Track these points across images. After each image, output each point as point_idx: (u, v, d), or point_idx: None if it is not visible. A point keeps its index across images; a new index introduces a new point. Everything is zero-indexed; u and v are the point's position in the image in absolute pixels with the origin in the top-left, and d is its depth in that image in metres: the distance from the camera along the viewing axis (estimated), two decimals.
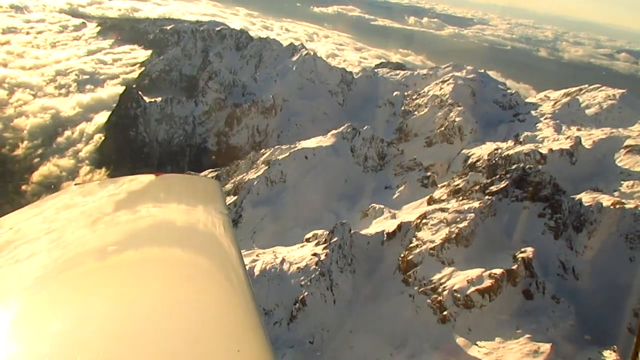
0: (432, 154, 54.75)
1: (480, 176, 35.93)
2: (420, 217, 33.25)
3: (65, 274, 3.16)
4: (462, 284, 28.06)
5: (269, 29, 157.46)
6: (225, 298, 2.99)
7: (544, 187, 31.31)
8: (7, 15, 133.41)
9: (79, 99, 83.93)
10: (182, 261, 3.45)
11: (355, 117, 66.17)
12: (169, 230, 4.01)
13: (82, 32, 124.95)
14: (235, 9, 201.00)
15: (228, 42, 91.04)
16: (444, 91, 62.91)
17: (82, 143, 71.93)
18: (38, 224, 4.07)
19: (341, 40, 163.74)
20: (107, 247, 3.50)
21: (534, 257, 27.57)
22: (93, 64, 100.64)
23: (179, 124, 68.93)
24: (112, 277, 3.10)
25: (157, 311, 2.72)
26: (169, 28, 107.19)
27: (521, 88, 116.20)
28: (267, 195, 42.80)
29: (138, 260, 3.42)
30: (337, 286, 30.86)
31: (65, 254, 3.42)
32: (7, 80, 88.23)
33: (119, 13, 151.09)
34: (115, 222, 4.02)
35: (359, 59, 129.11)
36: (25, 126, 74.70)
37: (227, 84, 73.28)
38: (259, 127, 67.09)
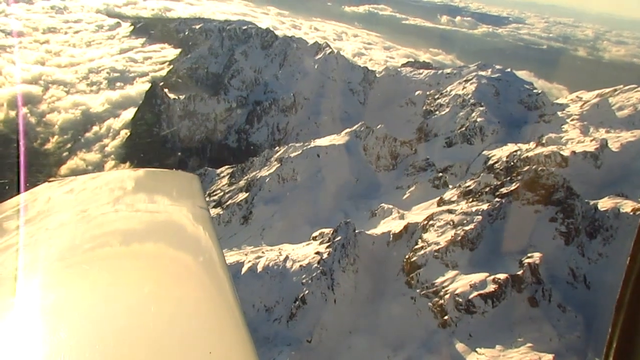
0: (452, 154, 53.40)
1: (491, 178, 34.78)
2: (428, 218, 32.52)
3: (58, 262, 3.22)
4: (465, 288, 27.25)
5: (297, 28, 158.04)
6: (205, 292, 2.97)
7: (556, 191, 30.03)
8: (48, 16, 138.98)
9: (109, 96, 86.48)
10: (162, 255, 3.43)
11: (376, 116, 65.47)
12: (149, 224, 3.97)
13: (116, 32, 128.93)
14: (266, 8, 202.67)
15: (254, 40, 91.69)
16: (466, 91, 61.42)
17: (108, 138, 74.05)
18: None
19: (370, 39, 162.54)
20: (86, 242, 3.47)
21: (540, 262, 26.45)
22: (124, 62, 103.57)
23: (201, 120, 69.90)
24: (92, 269, 3.08)
25: (137, 305, 2.70)
26: (197, 27, 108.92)
27: (554, 89, 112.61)
28: (278, 193, 42.81)
29: (117, 253, 3.39)
30: (339, 285, 30.49)
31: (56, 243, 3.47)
32: (43, 78, 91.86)
33: (152, 13, 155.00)
34: (95, 216, 3.98)
35: (385, 58, 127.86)
36: (56, 121, 77.56)
37: (249, 82, 73.91)
38: (279, 125, 67.30)
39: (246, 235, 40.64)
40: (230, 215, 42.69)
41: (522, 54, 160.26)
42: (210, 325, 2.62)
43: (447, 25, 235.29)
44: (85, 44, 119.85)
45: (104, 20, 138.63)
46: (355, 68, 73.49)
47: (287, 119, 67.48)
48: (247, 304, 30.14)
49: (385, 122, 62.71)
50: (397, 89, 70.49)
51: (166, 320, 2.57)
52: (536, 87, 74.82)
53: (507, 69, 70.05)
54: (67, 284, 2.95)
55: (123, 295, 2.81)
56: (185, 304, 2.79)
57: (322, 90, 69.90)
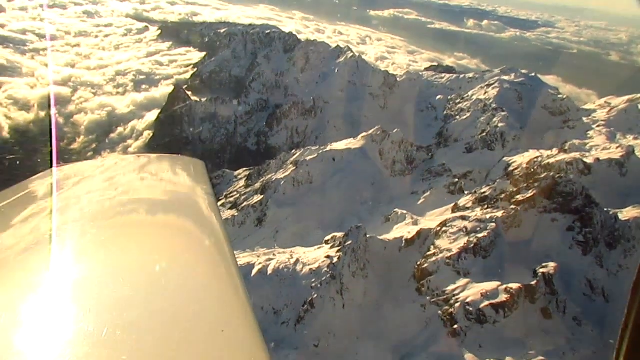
0: (471, 160, 52.50)
1: (508, 184, 33.92)
2: (441, 224, 31.95)
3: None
4: (476, 297, 26.60)
5: (321, 32, 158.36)
6: (212, 273, 3.01)
7: (575, 199, 29.07)
8: (80, 20, 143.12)
9: (134, 98, 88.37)
10: (167, 236, 3.45)
11: (396, 120, 64.95)
12: (154, 207, 4.01)
13: (144, 35, 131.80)
14: (291, 12, 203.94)
15: (276, 44, 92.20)
16: (488, 95, 60.40)
17: (132, 139, 75.58)
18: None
19: (394, 43, 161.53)
20: (96, 225, 3.46)
21: (555, 272, 25.61)
22: (150, 65, 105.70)
23: (222, 123, 70.65)
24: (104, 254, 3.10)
25: (148, 284, 2.75)
26: (222, 31, 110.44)
27: (582, 94, 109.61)
28: (293, 196, 42.81)
29: (122, 235, 3.41)
30: (348, 290, 30.21)
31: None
32: (72, 80, 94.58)
33: (180, 17, 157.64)
34: (102, 200, 4.02)
35: (408, 62, 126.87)
36: (83, 122, 79.65)
37: (269, 85, 74.37)
38: (298, 129, 67.45)
39: (259, 237, 40.75)
40: (244, 217, 42.90)
41: (550, 59, 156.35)
42: (219, 304, 2.67)
43: (474, 29, 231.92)
44: (114, 47, 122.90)
45: (132, 25, 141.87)
46: (375, 72, 73.08)
47: (307, 122, 67.57)
48: (256, 306, 30.11)
49: (405, 127, 62.20)
50: (418, 94, 69.79)
51: (177, 298, 2.60)
52: (562, 92, 73.10)
53: (532, 73, 68.66)
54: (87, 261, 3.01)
55: (135, 272, 2.85)
56: (193, 284, 2.82)
57: (342, 94, 69.75)
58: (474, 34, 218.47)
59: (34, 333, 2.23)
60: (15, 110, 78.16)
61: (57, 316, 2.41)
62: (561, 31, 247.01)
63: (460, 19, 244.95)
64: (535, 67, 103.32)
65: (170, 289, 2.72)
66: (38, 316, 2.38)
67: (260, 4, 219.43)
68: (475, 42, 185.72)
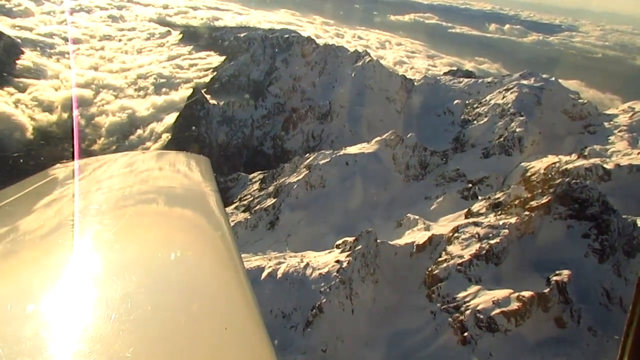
0: (488, 165, 51.63)
1: (522, 190, 33.23)
2: (453, 230, 31.46)
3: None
4: (487, 305, 26.05)
5: (340, 37, 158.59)
6: (216, 269, 3.01)
7: (591, 205, 28.29)
8: (105, 24, 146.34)
9: (154, 101, 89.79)
10: (170, 232, 3.47)
11: (413, 125, 64.50)
12: (159, 203, 4.05)
13: (166, 40, 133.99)
14: (312, 17, 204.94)
15: (295, 49, 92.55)
16: (506, 100, 59.43)
17: (150, 141, 76.70)
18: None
19: (414, 47, 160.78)
20: (100, 221, 3.50)
21: (569, 281, 24.93)
22: (171, 69, 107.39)
23: (239, 126, 71.18)
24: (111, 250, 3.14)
25: (151, 282, 2.76)
26: (242, 36, 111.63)
27: (606, 99, 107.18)
28: (306, 200, 42.76)
29: (128, 230, 3.42)
30: (357, 295, 29.94)
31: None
32: (95, 82, 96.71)
33: (201, 22, 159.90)
34: (107, 195, 4.05)
35: (427, 67, 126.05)
36: (104, 124, 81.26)
37: (286, 89, 74.63)
38: (314, 133, 67.47)
39: (271, 240, 40.76)
40: (257, 220, 43.00)
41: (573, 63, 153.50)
42: (223, 300, 2.66)
43: (495, 33, 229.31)
44: (136, 51, 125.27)
45: (155, 29, 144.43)
46: (392, 76, 72.76)
47: (323, 126, 67.54)
48: (265, 310, 30.08)
49: (422, 131, 61.68)
50: (436, 98, 69.14)
51: (181, 294, 2.58)
52: (584, 96, 71.61)
53: (553, 77, 67.34)
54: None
55: (139, 267, 2.84)
56: (197, 279, 2.81)
57: (358, 98, 69.53)
58: (495, 38, 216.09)
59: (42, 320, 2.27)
60: (39, 111, 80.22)
61: (62, 308, 2.42)
62: (585, 35, 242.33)
63: (481, 23, 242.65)
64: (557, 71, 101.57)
65: (174, 284, 2.71)
66: (41, 301, 2.43)
67: (281, 9, 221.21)
68: (496, 46, 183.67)
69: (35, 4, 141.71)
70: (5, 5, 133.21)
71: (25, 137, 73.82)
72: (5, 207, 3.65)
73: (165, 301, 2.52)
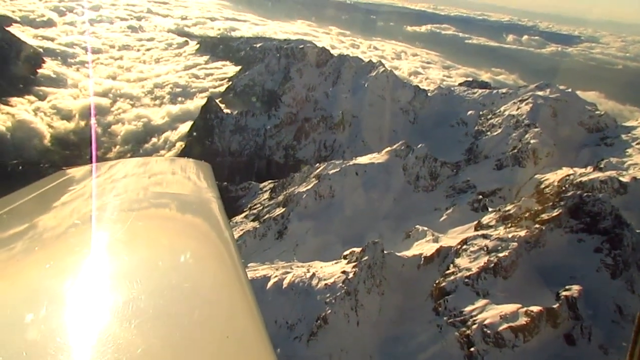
0: (501, 177, 50.87)
1: (533, 202, 32.55)
2: (462, 242, 30.92)
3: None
4: (494, 319, 25.43)
5: (356, 47, 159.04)
6: (217, 278, 2.99)
7: (603, 219, 27.54)
8: (125, 34, 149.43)
9: (169, 110, 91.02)
10: (171, 238, 3.48)
11: (426, 135, 64.05)
12: (160, 209, 4.07)
13: (184, 50, 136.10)
14: (328, 28, 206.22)
15: (309, 59, 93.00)
16: (521, 111, 58.68)
17: (165, 150, 77.59)
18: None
19: (429, 58, 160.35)
20: (101, 226, 3.51)
21: (579, 296, 24.22)
22: (187, 78, 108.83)
23: (251, 135, 71.55)
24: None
25: (151, 292, 2.73)
26: (258, 46, 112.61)
27: (626, 110, 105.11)
28: (314, 210, 42.58)
29: (131, 234, 3.43)
30: (363, 307, 29.55)
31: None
32: (112, 91, 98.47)
33: (219, 32, 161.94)
34: (109, 200, 4.08)
35: (442, 77, 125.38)
36: (120, 132, 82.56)
37: (299, 99, 74.90)
38: (326, 142, 67.46)
39: (279, 250, 40.61)
40: (266, 230, 42.92)
41: (592, 74, 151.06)
42: (224, 308, 2.63)
43: (513, 44, 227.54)
44: (154, 60, 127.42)
45: (173, 39, 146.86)
46: (406, 86, 72.51)
47: (335, 136, 67.52)
48: (270, 319, 29.85)
49: (435, 142, 61.21)
50: (449, 109, 68.67)
51: (182, 299, 2.56)
52: (602, 108, 70.45)
53: (569, 89, 66.36)
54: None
55: (139, 273, 2.82)
56: (197, 285, 2.79)
57: (371, 108, 69.43)
58: (513, 49, 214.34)
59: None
60: (57, 119, 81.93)
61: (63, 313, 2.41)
62: (606, 46, 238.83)
63: (499, 34, 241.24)
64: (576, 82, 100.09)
65: (173, 291, 2.67)
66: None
67: (298, 20, 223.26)
68: (513, 57, 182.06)
69: (58, 14, 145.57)
70: (29, 16, 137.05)
71: (43, 144, 75.39)
72: (4, 214, 3.64)
73: (164, 308, 2.47)
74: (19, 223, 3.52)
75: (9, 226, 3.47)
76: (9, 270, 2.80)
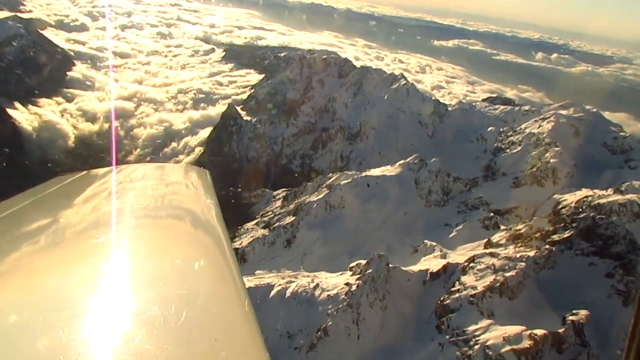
0: (518, 196, 49.78)
1: (545, 222, 31.61)
2: (469, 260, 30.23)
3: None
4: (497, 341, 24.66)
5: (380, 59, 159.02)
6: (213, 282, 3.01)
7: (617, 243, 26.53)
8: (154, 40, 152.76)
9: (191, 115, 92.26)
10: (167, 245, 3.49)
11: (443, 150, 63.33)
12: (157, 216, 4.07)
13: (210, 57, 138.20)
14: (354, 40, 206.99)
15: (331, 69, 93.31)
16: (542, 129, 57.51)
17: (183, 154, 78.56)
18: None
19: (454, 73, 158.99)
20: (98, 232, 3.55)
21: (586, 322, 23.29)
22: (211, 85, 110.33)
23: (269, 143, 71.94)
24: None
25: (145, 296, 2.75)
26: (282, 55, 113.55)
27: None
28: (324, 219, 42.37)
29: (128, 240, 3.45)
30: (364, 321, 29.09)
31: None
32: (137, 95, 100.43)
33: (245, 41, 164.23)
34: (105, 207, 4.14)
35: (465, 92, 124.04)
36: (141, 135, 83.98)
37: (318, 109, 75.07)
38: (342, 153, 67.33)
39: (287, 258, 40.48)
40: (275, 237, 42.89)
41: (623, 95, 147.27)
42: (219, 312, 2.61)
43: (542, 62, 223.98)
44: (180, 66, 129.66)
45: (200, 46, 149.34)
46: (426, 100, 71.95)
47: (352, 147, 67.35)
48: (271, 328, 29.70)
49: (452, 157, 60.47)
50: (469, 124, 67.80)
51: (176, 305, 2.51)
52: (628, 130, 68.45)
53: (594, 109, 64.82)
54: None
55: (136, 278, 2.84)
56: (192, 293, 2.77)
57: (389, 120, 69.09)
58: (542, 67, 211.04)
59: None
60: (82, 121, 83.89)
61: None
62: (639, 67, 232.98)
63: (528, 51, 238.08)
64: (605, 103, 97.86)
65: (168, 297, 2.65)
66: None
67: (325, 31, 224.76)
68: (541, 75, 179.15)
69: (91, 19, 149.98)
70: (64, 20, 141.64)
71: (67, 145, 77.23)
72: (4, 219, 3.63)
73: (157, 315, 2.43)
74: (12, 229, 3.50)
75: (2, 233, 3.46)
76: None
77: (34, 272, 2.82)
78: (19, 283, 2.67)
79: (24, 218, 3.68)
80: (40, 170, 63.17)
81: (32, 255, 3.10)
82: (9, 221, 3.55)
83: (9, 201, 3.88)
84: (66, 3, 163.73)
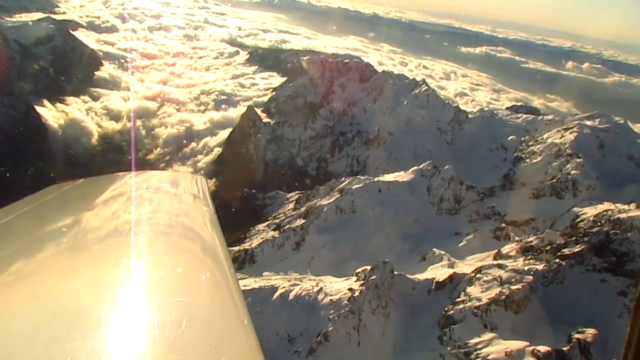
0: (537, 207, 48.45)
1: (557, 235, 30.56)
2: (476, 270, 29.48)
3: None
4: (499, 355, 23.88)
5: (404, 65, 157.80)
6: (212, 294, 3.05)
7: (631, 260, 25.42)
8: (180, 42, 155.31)
9: (212, 116, 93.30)
10: (165, 253, 3.55)
11: (462, 157, 62.35)
12: (154, 224, 4.11)
13: (234, 59, 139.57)
14: (380, 45, 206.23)
15: (353, 73, 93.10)
16: (564, 140, 55.92)
17: (202, 155, 79.40)
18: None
19: (480, 80, 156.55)
20: (96, 239, 3.63)
21: (594, 341, 22.33)
22: (233, 87, 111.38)
23: (286, 145, 72.07)
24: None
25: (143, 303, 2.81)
26: (305, 58, 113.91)
27: None
28: (334, 223, 42.06)
29: (120, 251, 3.46)
30: (365, 327, 28.64)
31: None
32: (161, 95, 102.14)
33: (269, 44, 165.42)
34: (101, 215, 4.20)
35: (489, 100, 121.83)
36: (162, 135, 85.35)
37: (337, 113, 74.86)
38: (359, 158, 66.95)
39: (295, 261, 40.29)
40: (284, 240, 42.78)
41: None
42: (217, 322, 2.63)
43: (572, 71, 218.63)
44: (204, 68, 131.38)
45: (225, 49, 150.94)
46: (446, 107, 70.96)
47: (368, 152, 66.90)
48: (271, 331, 29.50)
49: (470, 165, 59.47)
50: (490, 132, 66.54)
51: (173, 310, 2.57)
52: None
53: (622, 120, 62.68)
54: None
55: (134, 284, 2.87)
56: (191, 301, 2.80)
57: (407, 126, 68.41)
58: (572, 76, 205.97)
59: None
60: (107, 119, 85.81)
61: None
62: None
63: (558, 60, 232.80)
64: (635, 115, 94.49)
65: (164, 304, 2.68)
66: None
67: (351, 35, 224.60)
68: (571, 84, 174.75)
69: (121, 21, 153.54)
70: (95, 21, 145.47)
71: (90, 143, 79.07)
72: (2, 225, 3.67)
73: (154, 322, 2.44)
74: (8, 238, 3.50)
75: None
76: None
77: (28, 280, 2.82)
78: (14, 291, 2.66)
79: (19, 226, 3.68)
80: (64, 165, 64.71)
81: (27, 263, 3.10)
82: (4, 230, 3.55)
83: (5, 209, 3.90)
84: (98, 5, 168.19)
